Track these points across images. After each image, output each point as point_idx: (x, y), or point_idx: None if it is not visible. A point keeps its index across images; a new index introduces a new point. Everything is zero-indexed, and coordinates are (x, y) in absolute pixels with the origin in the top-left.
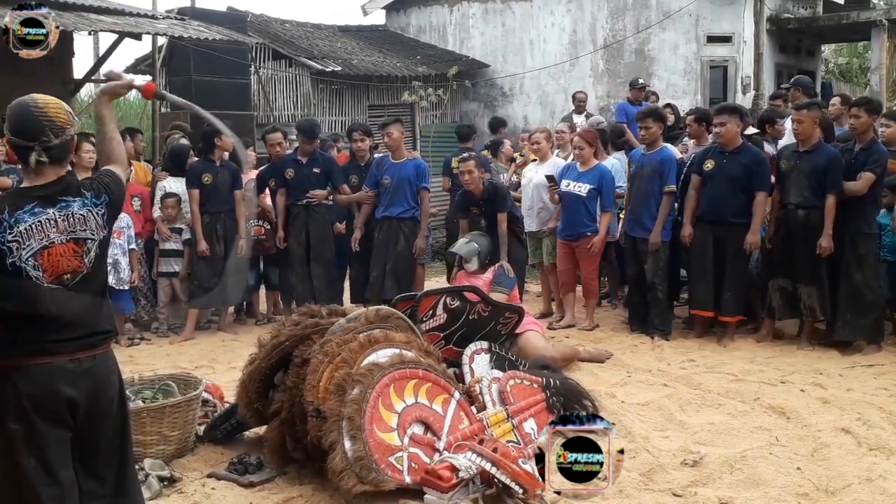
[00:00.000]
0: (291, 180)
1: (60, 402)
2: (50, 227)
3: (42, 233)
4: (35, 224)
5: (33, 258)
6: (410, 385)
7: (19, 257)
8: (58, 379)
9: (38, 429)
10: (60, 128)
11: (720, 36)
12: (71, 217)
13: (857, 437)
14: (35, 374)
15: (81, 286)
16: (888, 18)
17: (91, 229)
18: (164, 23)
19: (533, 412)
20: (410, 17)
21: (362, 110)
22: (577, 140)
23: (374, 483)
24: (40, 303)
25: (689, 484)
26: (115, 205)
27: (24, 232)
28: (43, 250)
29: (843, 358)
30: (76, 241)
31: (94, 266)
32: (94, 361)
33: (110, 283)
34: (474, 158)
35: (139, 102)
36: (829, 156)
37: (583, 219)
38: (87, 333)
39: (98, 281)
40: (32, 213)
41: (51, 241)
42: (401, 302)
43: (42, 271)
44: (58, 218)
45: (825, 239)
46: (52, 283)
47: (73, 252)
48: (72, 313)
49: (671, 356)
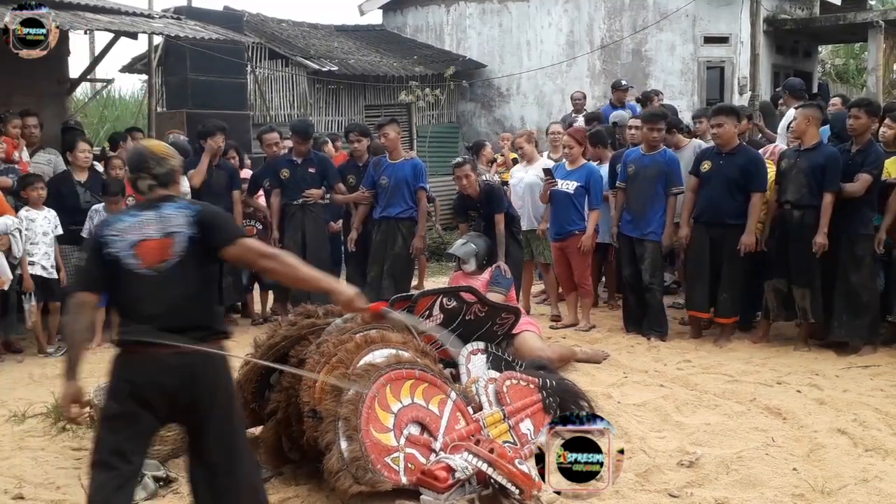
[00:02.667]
0: (287, 180)
1: (155, 392)
2: (147, 224)
3: (139, 229)
4: (135, 223)
5: (130, 249)
6: (407, 385)
7: (117, 248)
8: (157, 370)
9: (126, 412)
10: (162, 159)
11: (717, 37)
12: (164, 217)
13: (853, 438)
14: (137, 362)
15: (174, 275)
16: (885, 19)
17: (179, 225)
18: (161, 22)
19: (529, 413)
20: (407, 17)
21: (359, 110)
22: (566, 139)
23: (371, 484)
24: (137, 287)
25: (686, 485)
26: (207, 223)
27: (125, 228)
28: (139, 243)
29: (840, 359)
30: (167, 236)
31: (185, 257)
32: (195, 357)
33: None
34: (469, 162)
35: (136, 101)
36: (829, 155)
37: (571, 216)
38: (190, 327)
39: (193, 275)
40: (132, 215)
41: (147, 236)
42: (398, 302)
43: (138, 259)
44: (154, 218)
45: (821, 236)
46: (147, 270)
47: (165, 245)
48: (167, 301)
49: (667, 357)
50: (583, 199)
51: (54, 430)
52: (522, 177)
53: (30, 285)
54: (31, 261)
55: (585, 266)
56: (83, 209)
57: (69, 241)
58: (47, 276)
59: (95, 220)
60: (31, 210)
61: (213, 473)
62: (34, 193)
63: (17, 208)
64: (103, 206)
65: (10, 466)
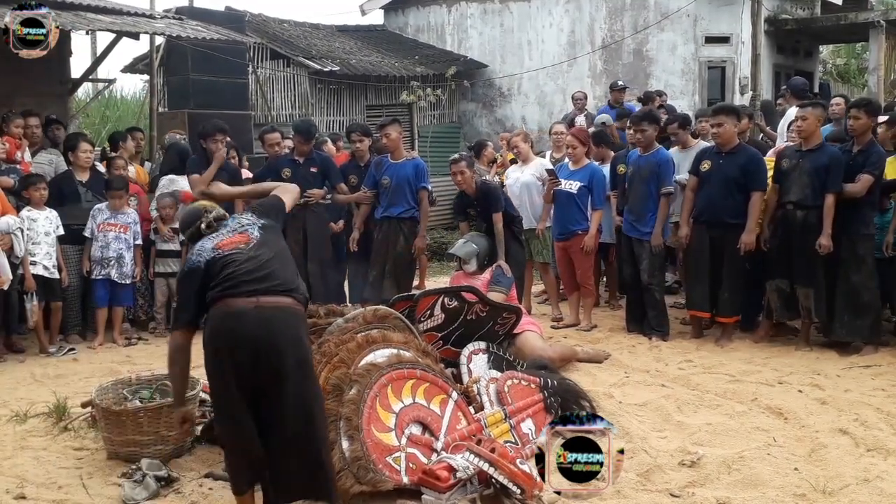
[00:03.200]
0: (288, 180)
1: (235, 340)
2: (228, 233)
3: (222, 236)
4: (222, 234)
5: (212, 245)
6: (408, 385)
7: (207, 249)
8: (236, 319)
9: (219, 357)
10: (213, 207)
11: (718, 36)
12: (238, 224)
13: (854, 438)
14: (219, 313)
15: (255, 252)
16: (886, 19)
17: (250, 223)
18: (162, 22)
19: (530, 412)
20: (409, 17)
21: (360, 110)
22: (570, 139)
23: (372, 483)
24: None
25: (687, 484)
26: (270, 218)
27: (215, 236)
28: (221, 240)
29: (841, 359)
30: (240, 232)
31: (260, 240)
32: (275, 311)
33: (114, 277)
34: (465, 159)
35: (138, 101)
36: (832, 155)
37: (574, 216)
38: (270, 286)
39: (270, 249)
40: (216, 234)
41: (223, 238)
42: (399, 302)
43: (218, 249)
44: (229, 228)
45: (825, 237)
46: (229, 251)
47: (240, 236)
48: (247, 268)
49: (669, 357)
50: (586, 198)
51: (56, 430)
52: (518, 176)
53: (31, 285)
54: (33, 260)
55: (588, 266)
56: (85, 209)
57: (71, 241)
58: (49, 276)
59: (98, 218)
60: (32, 210)
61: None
62: (37, 193)
63: (19, 208)
64: (106, 205)
65: (12, 466)
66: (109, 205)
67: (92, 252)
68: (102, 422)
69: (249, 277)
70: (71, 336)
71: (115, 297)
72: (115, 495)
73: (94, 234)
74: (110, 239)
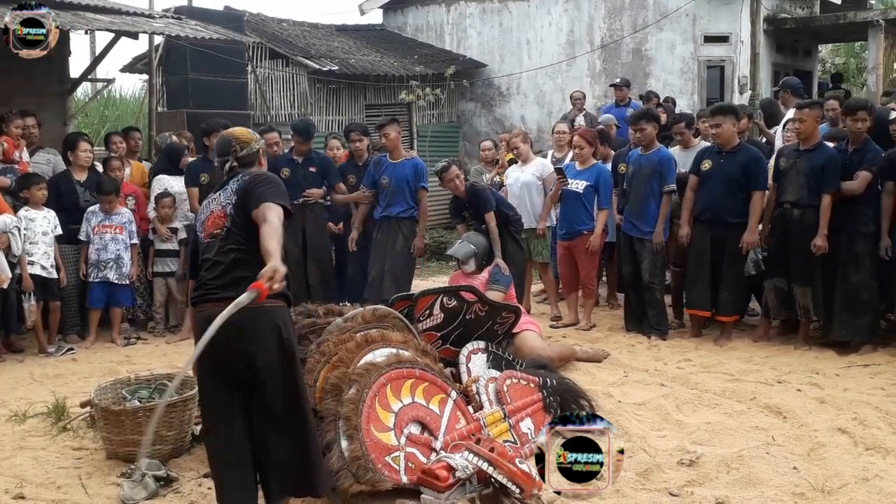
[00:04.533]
0: (287, 180)
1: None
2: (214, 203)
3: (208, 207)
4: (209, 201)
5: (201, 224)
6: (407, 385)
7: (200, 221)
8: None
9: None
10: (245, 143)
11: (717, 36)
12: (226, 193)
13: (853, 437)
14: (199, 320)
15: (226, 243)
16: (885, 18)
17: (229, 202)
18: (161, 22)
19: (530, 412)
20: (408, 17)
21: (359, 110)
22: (577, 139)
23: (371, 483)
24: (202, 253)
25: (686, 483)
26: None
27: (204, 206)
28: (207, 217)
29: (840, 358)
30: (223, 208)
31: (235, 225)
32: (245, 314)
33: (111, 278)
34: (453, 164)
35: (137, 101)
36: (828, 155)
37: (580, 216)
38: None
39: (243, 244)
40: (211, 198)
41: (211, 211)
42: (398, 301)
43: (203, 231)
44: (220, 195)
45: (820, 238)
46: (207, 239)
47: (221, 216)
48: (221, 264)
49: (668, 356)
50: (592, 198)
51: (55, 430)
52: (518, 176)
53: (29, 284)
54: (31, 260)
55: (593, 266)
56: (82, 209)
57: (68, 241)
58: (47, 276)
59: (92, 221)
60: (30, 210)
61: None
62: (38, 193)
63: (16, 208)
64: (98, 207)
65: (11, 466)
66: (101, 208)
67: (89, 255)
68: (101, 422)
69: (213, 285)
70: (70, 336)
71: (114, 297)
72: (114, 495)
73: (90, 237)
74: (107, 241)
